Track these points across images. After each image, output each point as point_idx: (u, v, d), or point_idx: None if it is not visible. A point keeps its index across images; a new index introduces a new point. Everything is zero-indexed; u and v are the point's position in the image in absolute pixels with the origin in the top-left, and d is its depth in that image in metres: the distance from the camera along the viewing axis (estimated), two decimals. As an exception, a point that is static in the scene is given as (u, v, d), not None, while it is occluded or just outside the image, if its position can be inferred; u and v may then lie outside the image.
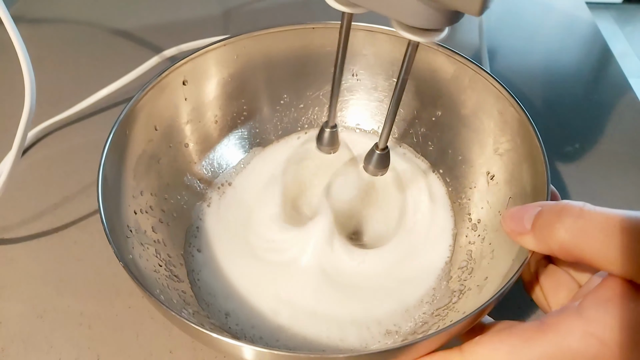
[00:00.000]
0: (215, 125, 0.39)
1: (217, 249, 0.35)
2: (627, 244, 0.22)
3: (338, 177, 0.38)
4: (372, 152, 0.33)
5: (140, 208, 0.33)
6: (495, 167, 0.34)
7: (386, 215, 0.37)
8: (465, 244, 0.35)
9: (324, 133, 0.35)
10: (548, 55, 0.55)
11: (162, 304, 0.25)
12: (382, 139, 0.32)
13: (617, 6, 1.88)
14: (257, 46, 0.38)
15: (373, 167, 0.33)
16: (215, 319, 0.32)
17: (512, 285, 0.25)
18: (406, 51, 0.27)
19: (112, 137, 0.31)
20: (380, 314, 0.32)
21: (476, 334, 0.27)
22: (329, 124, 0.34)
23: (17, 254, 0.39)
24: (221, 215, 0.37)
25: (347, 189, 0.37)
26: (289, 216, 0.37)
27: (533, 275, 0.29)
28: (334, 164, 0.38)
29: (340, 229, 0.35)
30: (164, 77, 0.34)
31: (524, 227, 0.25)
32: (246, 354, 0.24)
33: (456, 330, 0.25)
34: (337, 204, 0.36)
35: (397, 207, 0.37)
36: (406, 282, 0.34)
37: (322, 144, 0.35)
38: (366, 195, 0.37)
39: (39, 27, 0.59)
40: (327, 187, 0.37)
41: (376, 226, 0.37)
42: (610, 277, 0.23)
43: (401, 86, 0.28)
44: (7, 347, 0.34)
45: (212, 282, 0.34)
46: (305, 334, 0.31)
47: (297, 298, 0.33)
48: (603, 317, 0.22)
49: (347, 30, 0.29)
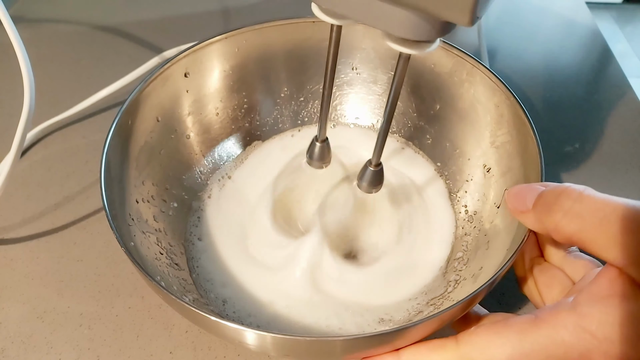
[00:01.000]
0: (216, 118, 0.39)
1: (217, 239, 0.36)
2: (621, 233, 0.22)
3: (331, 195, 0.36)
4: (365, 169, 0.31)
5: (142, 197, 0.34)
6: (491, 159, 0.35)
7: (383, 232, 0.36)
8: (461, 235, 0.35)
9: (314, 147, 0.33)
10: (548, 55, 0.55)
11: (162, 288, 0.25)
12: (375, 155, 0.30)
13: (617, 6, 1.88)
14: (258, 39, 0.38)
15: (367, 184, 0.31)
16: (214, 306, 0.32)
17: (504, 273, 0.25)
18: (397, 64, 0.25)
19: (115, 127, 0.31)
20: (374, 305, 0.32)
21: (471, 324, 0.27)
22: (320, 137, 0.33)
23: (17, 254, 0.39)
24: (221, 207, 0.38)
25: (340, 207, 0.36)
26: (282, 229, 0.36)
27: (527, 271, 0.29)
28: (327, 179, 0.37)
29: (334, 248, 0.34)
30: (166, 68, 0.35)
31: (526, 206, 0.26)
32: (248, 338, 0.24)
33: (449, 316, 0.25)
34: (331, 224, 0.35)
35: (395, 223, 0.36)
36: (404, 282, 0.34)
37: (313, 158, 0.33)
38: (361, 213, 0.36)
39: (39, 27, 0.59)
40: (320, 205, 0.36)
41: (373, 243, 0.36)
42: (604, 273, 0.24)
43: (393, 99, 0.27)
44: (7, 348, 0.34)
45: (210, 268, 0.34)
46: (303, 322, 0.31)
47: (293, 293, 0.33)
48: (596, 313, 0.22)
49: (337, 43, 0.28)
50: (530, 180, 0.30)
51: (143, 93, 0.34)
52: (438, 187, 0.38)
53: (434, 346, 0.25)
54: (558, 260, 0.29)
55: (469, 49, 0.52)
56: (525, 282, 0.29)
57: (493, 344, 0.24)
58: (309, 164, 0.34)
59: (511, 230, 0.29)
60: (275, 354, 0.31)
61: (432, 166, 0.39)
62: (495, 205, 0.33)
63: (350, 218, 0.35)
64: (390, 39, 0.24)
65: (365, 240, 0.36)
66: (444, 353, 0.25)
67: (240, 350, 0.33)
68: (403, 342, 0.26)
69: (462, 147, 0.37)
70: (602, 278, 0.23)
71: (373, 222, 0.36)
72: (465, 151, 0.37)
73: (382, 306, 0.33)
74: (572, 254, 0.28)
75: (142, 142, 0.35)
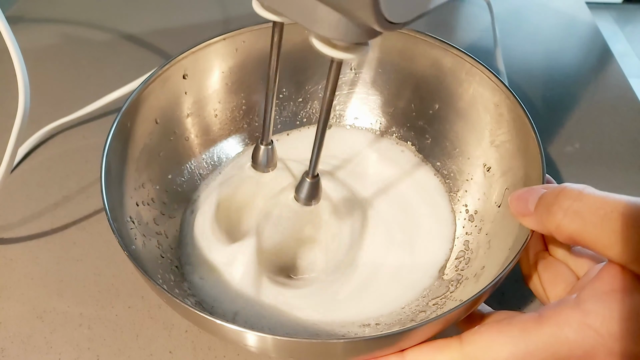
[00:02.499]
0: (215, 119, 0.39)
1: (203, 243, 0.35)
2: (622, 229, 0.22)
3: (272, 207, 0.35)
4: (303, 181, 0.30)
5: (142, 200, 0.33)
6: (491, 158, 0.35)
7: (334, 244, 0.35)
8: (462, 235, 0.35)
9: (258, 150, 0.32)
10: (548, 55, 0.55)
11: (167, 292, 0.25)
12: (312, 166, 0.29)
13: (617, 6, 1.89)
14: (257, 40, 0.38)
15: (305, 197, 0.30)
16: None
17: (508, 273, 0.25)
18: (330, 70, 0.24)
19: (114, 130, 0.31)
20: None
21: (475, 323, 0.27)
22: (264, 140, 0.32)
23: (17, 254, 0.39)
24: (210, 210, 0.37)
25: (281, 220, 0.34)
26: (224, 231, 0.35)
27: (532, 267, 0.29)
28: (272, 186, 0.36)
29: (273, 264, 0.34)
30: (164, 70, 0.35)
31: (528, 209, 0.26)
32: (250, 340, 0.24)
33: (453, 317, 0.25)
34: (270, 238, 0.34)
35: (382, 226, 0.36)
36: (403, 284, 0.34)
37: (257, 162, 0.33)
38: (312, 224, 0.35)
39: (39, 28, 0.59)
40: (259, 216, 0.35)
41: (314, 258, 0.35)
42: (607, 269, 0.24)
43: (327, 110, 0.26)
44: (7, 348, 0.34)
45: (200, 269, 0.34)
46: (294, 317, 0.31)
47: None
48: (600, 310, 0.22)
49: (279, 40, 0.28)
50: (532, 179, 0.30)
51: (142, 95, 0.34)
52: (436, 186, 0.38)
53: (438, 346, 0.25)
54: (562, 255, 0.29)
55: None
56: (530, 278, 0.29)
57: (497, 343, 0.24)
58: (253, 167, 0.33)
59: (513, 229, 0.29)
60: (276, 355, 0.31)
61: (428, 165, 0.39)
62: (496, 204, 0.33)
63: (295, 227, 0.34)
64: (321, 43, 0.22)
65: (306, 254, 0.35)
66: (448, 353, 0.25)
67: (239, 350, 0.33)
68: (407, 344, 0.25)
69: (461, 147, 0.37)
70: (605, 274, 0.23)
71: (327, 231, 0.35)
72: (465, 151, 0.37)
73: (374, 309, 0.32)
74: (576, 248, 0.28)
75: (142, 145, 0.34)
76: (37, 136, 0.46)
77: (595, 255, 0.27)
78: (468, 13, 0.61)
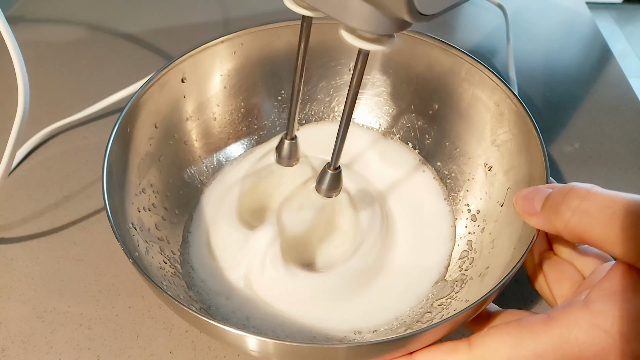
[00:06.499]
0: (214, 122, 0.39)
1: (203, 239, 0.35)
2: (630, 227, 0.22)
3: (294, 198, 0.36)
4: (324, 172, 0.30)
5: (144, 206, 0.33)
6: (493, 158, 0.35)
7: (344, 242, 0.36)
8: (465, 235, 0.35)
9: (283, 145, 0.33)
10: (548, 55, 0.55)
11: (170, 296, 0.25)
12: (334, 158, 0.29)
13: (617, 6, 1.89)
14: (255, 42, 0.38)
15: (326, 188, 0.30)
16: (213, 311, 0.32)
17: (515, 273, 0.25)
18: (356, 62, 0.25)
19: (114, 135, 0.31)
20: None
21: (483, 322, 0.27)
22: (288, 135, 0.32)
23: (17, 254, 0.39)
24: (211, 211, 0.37)
25: (302, 211, 0.35)
26: (246, 227, 0.35)
27: (537, 266, 0.29)
28: (295, 179, 0.36)
29: (293, 256, 0.34)
30: (163, 74, 0.35)
31: (534, 209, 0.26)
32: (250, 344, 0.24)
33: (462, 318, 0.25)
34: (291, 229, 0.34)
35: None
36: (405, 286, 0.34)
37: (281, 156, 0.33)
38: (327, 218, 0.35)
39: (39, 28, 0.59)
40: (280, 207, 0.35)
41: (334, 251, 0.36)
42: (615, 269, 0.23)
43: (352, 99, 0.26)
44: (7, 348, 0.34)
45: (203, 275, 0.34)
46: (302, 322, 0.31)
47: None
48: (609, 310, 0.22)
49: (307, 34, 0.28)
50: (534, 178, 0.30)
51: (141, 100, 0.33)
52: (436, 187, 0.38)
53: (446, 349, 0.25)
54: (567, 254, 0.29)
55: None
56: (536, 278, 0.29)
57: (506, 345, 0.23)
58: (278, 161, 0.34)
59: (517, 229, 0.29)
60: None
61: (428, 166, 0.39)
62: (498, 203, 0.33)
63: (313, 221, 0.35)
64: (349, 34, 0.23)
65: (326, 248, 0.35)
66: (457, 356, 0.25)
67: (240, 350, 0.33)
68: (416, 346, 0.25)
69: (462, 146, 0.37)
70: (614, 274, 0.23)
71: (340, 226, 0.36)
72: (466, 150, 0.37)
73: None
74: (582, 247, 0.28)
75: (142, 150, 0.34)
76: (38, 136, 0.46)
77: (601, 254, 0.27)
78: (475, 15, 0.61)
